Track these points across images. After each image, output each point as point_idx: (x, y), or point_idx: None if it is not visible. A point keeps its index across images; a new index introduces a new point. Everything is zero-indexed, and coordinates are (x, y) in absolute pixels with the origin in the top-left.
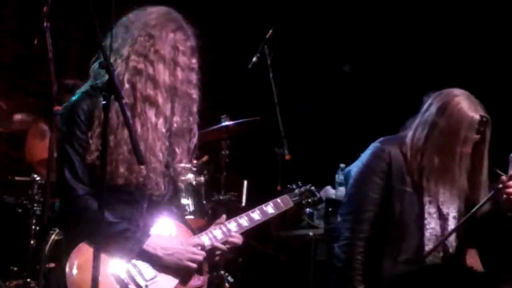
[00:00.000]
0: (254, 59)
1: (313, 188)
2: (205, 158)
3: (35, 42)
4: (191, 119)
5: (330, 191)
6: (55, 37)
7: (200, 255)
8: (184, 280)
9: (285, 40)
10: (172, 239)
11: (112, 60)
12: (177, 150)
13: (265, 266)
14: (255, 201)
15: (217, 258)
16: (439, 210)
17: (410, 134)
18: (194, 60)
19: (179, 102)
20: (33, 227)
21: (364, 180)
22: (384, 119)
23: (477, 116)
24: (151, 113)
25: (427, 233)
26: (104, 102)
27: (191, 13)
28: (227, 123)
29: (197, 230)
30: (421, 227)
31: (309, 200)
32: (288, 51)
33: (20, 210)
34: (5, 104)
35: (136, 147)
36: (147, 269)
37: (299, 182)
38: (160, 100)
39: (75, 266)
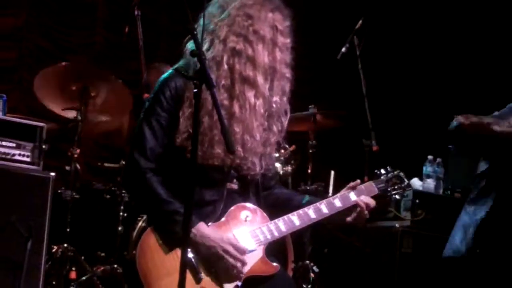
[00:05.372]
0: (343, 49)
1: (401, 174)
2: (292, 148)
3: (126, 31)
4: (285, 99)
5: (417, 183)
6: (145, 25)
7: (236, 262)
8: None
9: (374, 31)
10: (223, 232)
11: (208, 40)
12: (274, 128)
13: (351, 257)
14: None
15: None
16: None
17: None
18: (289, 40)
19: (277, 82)
20: (121, 213)
21: None
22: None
23: None
24: (250, 94)
25: None
26: (195, 90)
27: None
28: (314, 111)
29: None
30: None
31: (396, 187)
32: (378, 42)
33: (108, 197)
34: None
35: (226, 137)
36: None
37: (388, 167)
38: (260, 81)
39: (145, 249)
